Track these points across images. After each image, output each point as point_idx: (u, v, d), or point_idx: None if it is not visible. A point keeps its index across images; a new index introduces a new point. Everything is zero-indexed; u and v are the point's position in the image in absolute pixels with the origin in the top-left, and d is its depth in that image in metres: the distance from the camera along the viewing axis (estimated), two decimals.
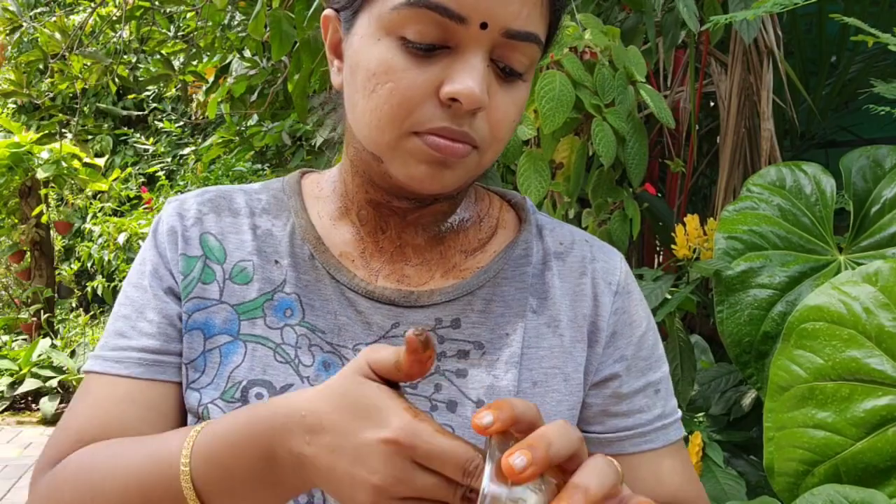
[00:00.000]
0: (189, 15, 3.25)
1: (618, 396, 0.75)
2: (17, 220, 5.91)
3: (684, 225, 1.44)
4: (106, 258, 5.90)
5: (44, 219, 5.78)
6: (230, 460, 0.57)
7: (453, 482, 0.49)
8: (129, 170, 6.55)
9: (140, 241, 5.60)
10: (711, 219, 1.47)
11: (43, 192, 5.70)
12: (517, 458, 0.45)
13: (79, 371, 5.33)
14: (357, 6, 0.66)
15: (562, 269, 0.77)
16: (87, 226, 6.24)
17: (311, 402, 0.54)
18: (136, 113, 6.09)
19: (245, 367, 0.69)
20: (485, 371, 0.70)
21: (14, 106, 5.26)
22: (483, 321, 0.72)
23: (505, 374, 0.70)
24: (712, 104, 2.35)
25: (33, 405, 5.30)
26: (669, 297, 1.34)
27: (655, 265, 2.38)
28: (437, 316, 0.72)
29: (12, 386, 5.26)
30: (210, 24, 2.91)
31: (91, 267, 6.74)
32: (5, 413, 5.18)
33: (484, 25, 0.61)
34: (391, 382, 0.54)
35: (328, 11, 0.71)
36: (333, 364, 0.70)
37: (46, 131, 4.04)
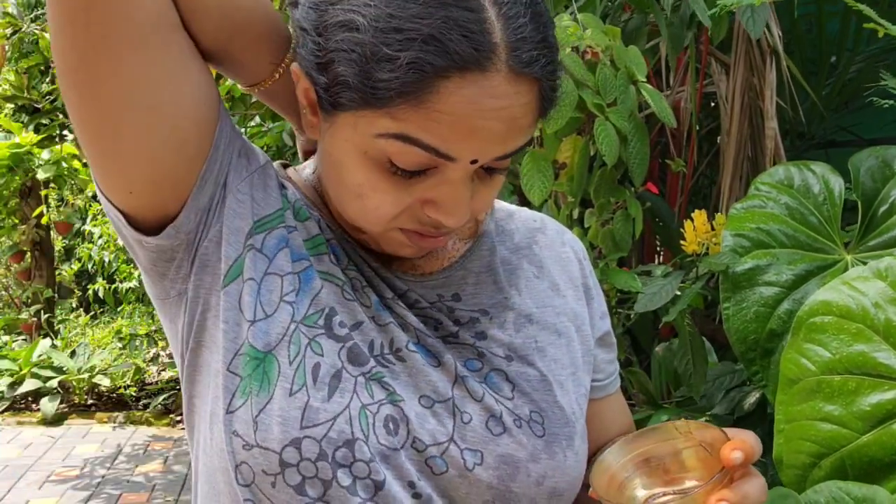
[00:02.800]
0: None
1: (611, 345, 0.85)
2: (17, 221, 5.90)
3: (692, 221, 1.45)
4: (106, 259, 5.91)
5: (44, 219, 5.78)
6: None
7: None
8: None
9: None
10: (719, 214, 1.48)
11: (43, 192, 5.70)
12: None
13: (79, 371, 5.34)
14: (336, 108, 0.62)
15: (545, 240, 0.82)
16: (88, 227, 6.25)
17: None
18: None
19: (324, 295, 0.67)
20: (499, 331, 0.74)
21: (13, 106, 5.26)
22: (480, 291, 0.75)
23: (517, 333, 0.74)
24: (713, 104, 2.36)
25: (33, 405, 5.29)
26: (679, 293, 1.34)
27: (656, 264, 2.38)
28: (437, 292, 0.74)
29: (12, 386, 5.26)
30: None
31: (91, 268, 6.75)
32: (5, 413, 5.18)
33: (475, 161, 0.61)
34: None
35: (298, 70, 0.65)
36: (383, 310, 0.70)
37: (46, 134, 4.04)
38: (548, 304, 0.78)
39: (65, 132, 4.03)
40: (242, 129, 3.31)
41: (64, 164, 5.22)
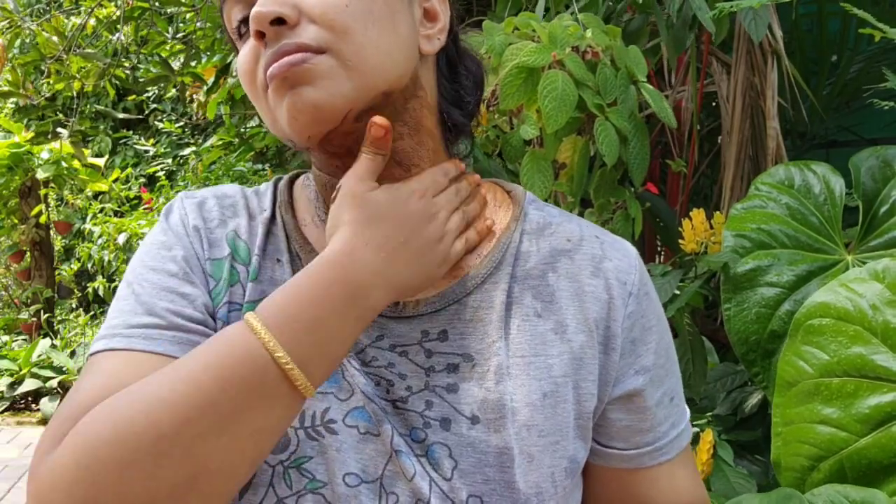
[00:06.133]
0: (188, 16, 3.25)
1: (642, 411, 0.71)
2: (17, 221, 5.91)
3: (691, 220, 1.44)
4: (106, 259, 5.90)
5: (42, 219, 5.78)
6: (309, 312, 0.57)
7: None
8: (128, 170, 6.55)
9: (139, 242, 5.59)
10: (718, 213, 1.47)
11: (43, 192, 5.71)
12: None
13: (79, 371, 5.33)
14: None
15: (570, 268, 0.71)
16: (87, 226, 6.25)
17: (355, 239, 0.61)
18: (135, 117, 6.09)
19: None
20: (476, 384, 0.65)
21: (13, 106, 5.26)
22: (472, 331, 0.67)
23: (496, 387, 0.65)
24: (714, 104, 2.35)
25: (33, 405, 5.30)
26: (678, 292, 1.34)
27: (656, 264, 2.38)
28: (423, 328, 0.68)
29: (12, 386, 5.26)
30: (209, 25, 2.91)
31: (91, 267, 6.75)
32: (5, 413, 5.18)
33: None
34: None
35: None
36: (335, 372, 0.65)
37: (41, 130, 4.04)
38: (541, 353, 0.67)
39: (59, 129, 4.02)
40: (242, 129, 3.31)
41: (63, 164, 5.22)
